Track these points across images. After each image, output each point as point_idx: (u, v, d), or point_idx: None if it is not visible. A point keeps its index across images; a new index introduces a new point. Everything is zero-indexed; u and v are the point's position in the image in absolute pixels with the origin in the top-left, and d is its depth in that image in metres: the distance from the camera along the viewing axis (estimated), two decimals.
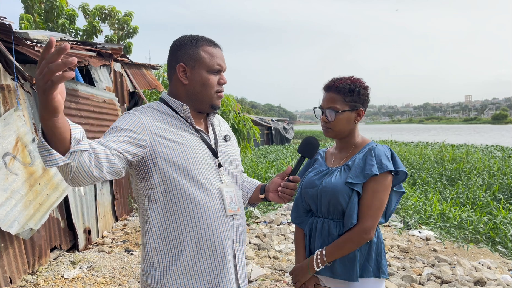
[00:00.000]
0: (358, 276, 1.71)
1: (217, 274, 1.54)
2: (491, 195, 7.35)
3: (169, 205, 1.50)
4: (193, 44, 1.56)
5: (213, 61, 1.56)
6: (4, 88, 3.86)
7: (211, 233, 1.53)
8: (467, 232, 5.46)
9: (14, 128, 3.83)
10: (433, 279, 3.99)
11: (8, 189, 3.65)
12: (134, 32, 13.93)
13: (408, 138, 29.75)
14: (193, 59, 1.55)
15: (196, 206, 1.51)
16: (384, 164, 1.69)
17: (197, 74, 1.55)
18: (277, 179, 1.73)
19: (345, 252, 1.69)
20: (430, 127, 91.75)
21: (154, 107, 1.59)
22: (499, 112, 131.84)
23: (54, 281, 4.06)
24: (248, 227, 6.04)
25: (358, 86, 1.77)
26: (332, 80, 1.82)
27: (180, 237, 1.50)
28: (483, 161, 10.65)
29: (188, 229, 1.50)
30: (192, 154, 1.52)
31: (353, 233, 1.68)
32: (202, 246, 1.52)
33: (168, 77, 1.64)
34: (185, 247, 1.50)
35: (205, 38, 1.60)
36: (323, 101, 1.81)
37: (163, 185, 1.49)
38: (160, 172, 1.48)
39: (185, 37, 1.60)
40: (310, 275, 1.77)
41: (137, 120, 1.47)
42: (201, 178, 1.53)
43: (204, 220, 1.52)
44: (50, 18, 12.01)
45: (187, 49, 1.56)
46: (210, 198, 1.54)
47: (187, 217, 1.50)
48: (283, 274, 4.21)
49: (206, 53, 1.55)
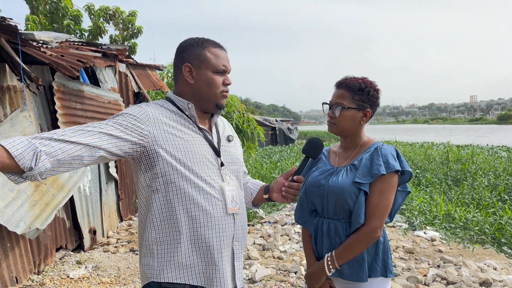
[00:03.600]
0: (367, 276, 1.71)
1: (211, 269, 1.55)
2: (496, 195, 7.31)
3: (170, 197, 1.52)
4: (199, 45, 1.60)
5: (218, 61, 1.59)
6: (11, 89, 3.88)
7: (208, 228, 1.54)
8: (472, 233, 5.44)
9: (20, 129, 3.85)
10: (438, 280, 3.97)
11: (14, 189, 3.67)
12: (139, 32, 13.97)
13: (413, 138, 29.64)
14: (199, 60, 1.58)
15: (195, 200, 1.53)
16: (391, 164, 1.70)
17: (202, 74, 1.58)
18: (281, 179, 1.74)
19: (355, 253, 1.70)
20: (435, 127, 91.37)
21: (160, 104, 1.62)
22: (504, 113, 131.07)
23: (59, 280, 4.08)
24: (253, 227, 6.04)
25: (368, 87, 1.79)
26: (344, 77, 1.85)
27: (178, 229, 1.52)
28: (488, 162, 10.59)
29: (186, 222, 1.52)
30: (193, 150, 1.55)
31: (362, 233, 1.68)
32: (199, 240, 1.53)
33: (174, 77, 1.67)
34: (182, 239, 1.52)
35: (211, 40, 1.64)
36: (332, 97, 1.84)
37: (165, 176, 1.51)
38: (162, 163, 1.50)
39: (192, 39, 1.64)
40: (323, 280, 1.77)
41: (142, 111, 1.51)
42: (202, 174, 1.55)
43: (203, 215, 1.53)
44: (56, 19, 12.08)
45: (193, 50, 1.59)
46: (211, 194, 1.56)
47: (186, 211, 1.52)
48: (287, 275, 4.21)
49: (212, 54, 1.59)
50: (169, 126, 1.54)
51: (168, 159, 1.50)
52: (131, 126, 1.45)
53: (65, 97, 4.61)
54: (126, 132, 1.44)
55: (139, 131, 1.46)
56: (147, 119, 1.50)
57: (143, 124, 1.48)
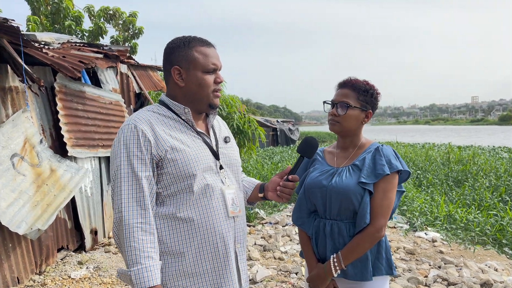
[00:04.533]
0: (371, 275, 1.72)
1: (220, 275, 1.55)
2: (497, 196, 7.30)
3: (174, 208, 1.51)
4: (186, 45, 1.55)
5: (208, 60, 1.55)
6: (13, 90, 3.90)
7: (214, 234, 1.53)
8: (473, 234, 5.43)
9: (22, 130, 3.87)
10: (439, 281, 3.97)
11: (16, 189, 3.69)
12: (140, 33, 13.99)
13: (414, 139, 29.61)
14: (187, 61, 1.54)
15: (200, 208, 1.52)
16: (394, 164, 1.72)
17: (192, 75, 1.54)
18: (276, 178, 1.74)
19: (361, 253, 1.71)
20: (436, 128, 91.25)
21: (154, 111, 1.58)
22: (506, 113, 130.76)
23: (61, 281, 4.09)
24: (253, 228, 6.05)
25: (372, 89, 1.82)
26: (348, 78, 1.86)
27: (184, 239, 1.51)
28: (489, 163, 10.58)
29: (192, 232, 1.51)
30: (196, 158, 1.53)
31: (367, 233, 1.69)
32: (205, 247, 1.52)
33: (165, 80, 1.63)
34: (188, 249, 1.51)
35: (198, 38, 1.59)
36: (336, 96, 1.84)
37: (170, 189, 1.50)
38: (167, 177, 1.49)
39: (178, 39, 1.59)
40: (329, 281, 1.77)
41: (138, 138, 1.48)
42: (205, 181, 1.54)
43: (208, 222, 1.53)
44: (57, 20, 12.10)
45: (180, 51, 1.55)
46: (213, 200, 1.55)
47: (192, 220, 1.51)
48: (288, 275, 4.21)
49: (200, 54, 1.54)
50: (169, 136, 1.52)
51: (172, 171, 1.49)
52: (144, 168, 1.47)
53: (66, 98, 4.62)
54: (145, 172, 1.47)
55: (148, 163, 1.48)
56: (148, 144, 1.48)
57: (147, 154, 1.47)
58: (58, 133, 4.52)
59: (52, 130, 4.53)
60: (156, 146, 1.48)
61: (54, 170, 4.20)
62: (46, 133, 4.41)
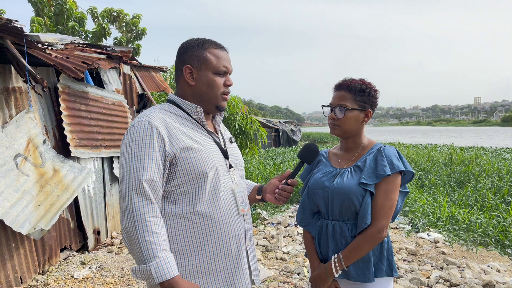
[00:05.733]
0: (374, 276, 1.73)
1: (233, 272, 1.56)
2: (500, 197, 7.28)
3: (188, 207, 1.51)
4: (200, 46, 1.58)
5: (219, 63, 1.58)
6: (16, 91, 3.92)
7: (227, 233, 1.55)
8: (476, 235, 5.42)
9: (26, 130, 3.89)
10: (441, 282, 3.97)
11: (19, 189, 3.70)
12: (143, 34, 14.01)
13: (416, 140, 29.56)
14: (199, 61, 1.57)
15: (213, 207, 1.53)
16: (396, 164, 1.72)
17: (203, 75, 1.57)
18: (274, 181, 1.77)
19: (362, 254, 1.71)
20: (438, 129, 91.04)
21: (165, 109, 1.59)
22: (508, 114, 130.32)
23: (64, 281, 4.11)
24: (256, 228, 6.05)
25: (368, 88, 1.81)
26: (343, 79, 1.86)
27: (197, 238, 1.51)
28: (492, 164, 10.56)
29: (206, 230, 1.51)
30: (209, 157, 1.54)
31: (368, 233, 1.69)
32: (219, 246, 1.53)
33: (176, 79, 1.66)
34: (202, 248, 1.51)
35: (212, 40, 1.62)
36: (333, 99, 1.84)
37: (183, 187, 1.51)
38: (180, 174, 1.50)
39: (192, 40, 1.62)
40: (330, 282, 1.78)
41: (152, 135, 1.47)
42: (218, 179, 1.55)
43: (221, 221, 1.54)
44: (60, 21, 12.14)
45: (194, 51, 1.57)
46: (225, 199, 1.56)
47: (205, 219, 1.51)
48: (290, 276, 4.21)
49: (213, 55, 1.57)
50: (183, 134, 1.52)
51: (185, 169, 1.49)
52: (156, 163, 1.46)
53: (70, 98, 4.65)
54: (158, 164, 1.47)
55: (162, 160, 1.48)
56: (162, 141, 1.47)
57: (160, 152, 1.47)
58: (61, 133, 4.54)
59: (55, 130, 4.55)
60: (170, 144, 1.48)
61: (57, 170, 4.22)
62: (49, 134, 4.43)
